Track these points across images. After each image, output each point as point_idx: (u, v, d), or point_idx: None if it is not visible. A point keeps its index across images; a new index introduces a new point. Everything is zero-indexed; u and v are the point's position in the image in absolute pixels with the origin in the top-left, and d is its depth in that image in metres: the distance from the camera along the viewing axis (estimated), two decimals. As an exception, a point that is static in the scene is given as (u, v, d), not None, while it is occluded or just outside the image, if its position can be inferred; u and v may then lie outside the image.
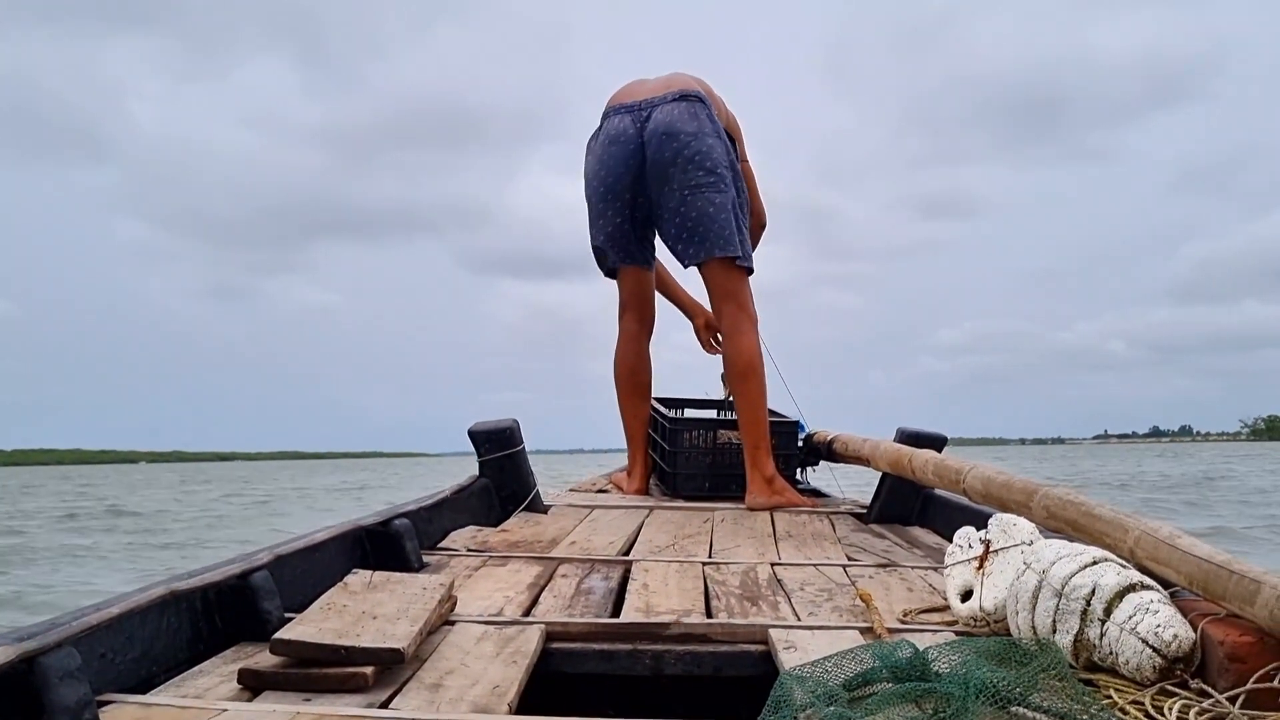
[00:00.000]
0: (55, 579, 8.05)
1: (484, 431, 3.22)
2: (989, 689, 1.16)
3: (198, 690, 1.39)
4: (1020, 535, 1.79)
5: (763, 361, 3.46)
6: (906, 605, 1.94)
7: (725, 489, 3.65)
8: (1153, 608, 1.39)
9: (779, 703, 1.19)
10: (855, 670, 1.31)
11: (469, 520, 2.91)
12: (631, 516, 3.16)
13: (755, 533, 2.89)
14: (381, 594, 1.68)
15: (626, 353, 3.75)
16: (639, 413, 3.81)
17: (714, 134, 3.34)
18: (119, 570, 8.58)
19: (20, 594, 6.99)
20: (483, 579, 2.17)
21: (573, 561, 2.38)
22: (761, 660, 1.66)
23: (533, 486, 3.28)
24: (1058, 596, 1.48)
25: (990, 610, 1.71)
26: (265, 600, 1.66)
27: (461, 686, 1.42)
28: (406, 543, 2.25)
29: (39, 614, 3.07)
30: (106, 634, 1.38)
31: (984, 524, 1.89)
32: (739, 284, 3.43)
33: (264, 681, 1.40)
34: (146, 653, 1.47)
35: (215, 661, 1.53)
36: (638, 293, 3.72)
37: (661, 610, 1.88)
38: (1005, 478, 2.21)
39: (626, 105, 3.42)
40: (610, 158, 3.41)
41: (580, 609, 1.92)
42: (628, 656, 1.68)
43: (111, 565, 9.16)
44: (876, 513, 3.24)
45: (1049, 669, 1.25)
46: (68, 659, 1.21)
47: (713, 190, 3.31)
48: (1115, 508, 1.77)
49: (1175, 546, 1.50)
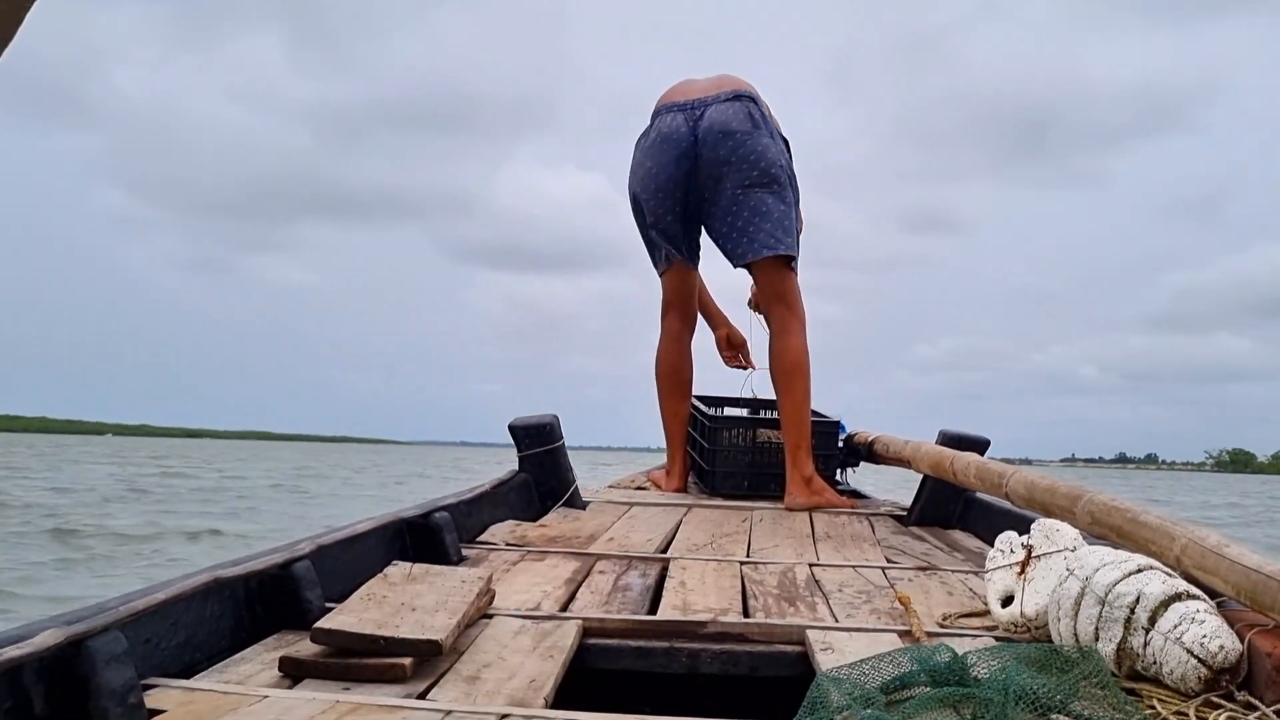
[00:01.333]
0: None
1: (524, 426, 3.23)
2: (1028, 696, 1.15)
3: (240, 676, 1.41)
4: (1063, 541, 1.77)
5: (809, 362, 3.44)
6: (946, 609, 1.92)
7: (764, 488, 3.64)
8: (1199, 617, 1.36)
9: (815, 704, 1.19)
10: (893, 673, 1.30)
11: (508, 514, 2.93)
12: (670, 514, 3.16)
13: (794, 533, 2.87)
14: (421, 586, 1.69)
15: (669, 351, 3.75)
16: (679, 411, 3.81)
17: (769, 134, 3.33)
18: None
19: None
20: (521, 573, 2.19)
21: (610, 558, 2.39)
22: (798, 661, 1.65)
23: (572, 482, 3.29)
24: (1101, 604, 1.46)
25: (1031, 616, 1.69)
26: (306, 589, 1.68)
27: (498, 679, 1.43)
28: (446, 535, 2.26)
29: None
30: (152, 619, 1.40)
31: (1026, 529, 1.87)
32: (789, 284, 3.41)
33: (304, 670, 1.42)
34: (190, 639, 1.49)
35: (257, 649, 1.55)
36: (682, 292, 3.71)
37: (698, 609, 1.88)
38: (1049, 482, 2.18)
39: (679, 104, 3.40)
40: (664, 155, 3.38)
41: (617, 605, 1.92)
42: (664, 654, 1.68)
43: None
44: (917, 515, 3.22)
45: (1090, 677, 1.24)
46: (114, 643, 1.23)
47: (766, 190, 3.29)
48: (1161, 515, 1.74)
49: (1223, 555, 1.48)
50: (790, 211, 3.34)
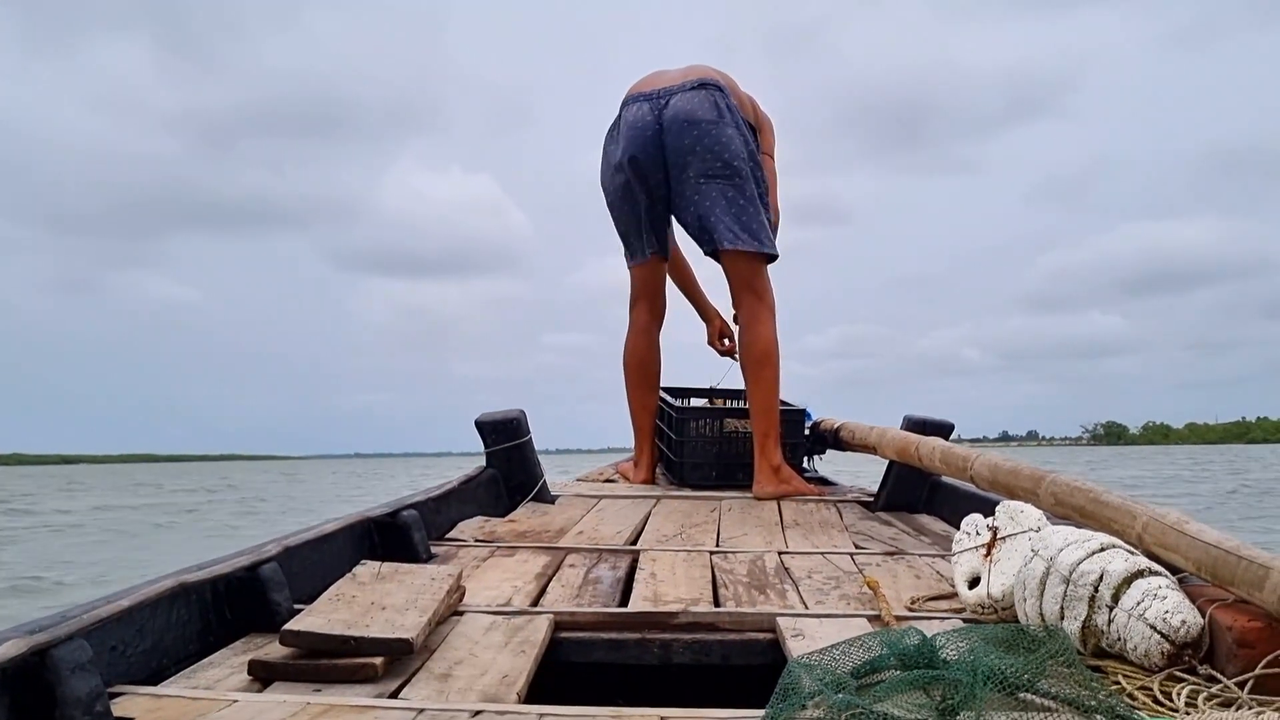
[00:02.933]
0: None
1: (491, 422, 3.22)
2: (997, 675, 1.16)
3: (208, 681, 1.40)
4: (1028, 522, 1.79)
5: (778, 351, 3.45)
6: (914, 593, 1.94)
7: (732, 478, 3.65)
8: (1160, 593, 1.39)
9: (787, 690, 1.20)
10: (863, 658, 1.31)
11: (476, 511, 2.92)
12: (639, 506, 3.16)
13: (763, 521, 2.89)
14: (390, 585, 1.68)
15: (637, 344, 3.75)
16: (647, 404, 3.81)
17: (733, 124, 3.33)
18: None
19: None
20: (491, 569, 2.18)
21: (580, 551, 2.39)
22: (769, 648, 1.66)
23: (540, 477, 3.28)
24: (1065, 583, 1.48)
25: (998, 597, 1.71)
26: (274, 591, 1.67)
27: (470, 676, 1.42)
28: (414, 533, 2.25)
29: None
30: (117, 626, 1.38)
31: (991, 511, 1.89)
32: (757, 274, 3.42)
33: (274, 672, 1.41)
34: (157, 644, 1.48)
35: (225, 653, 1.54)
36: (650, 283, 3.71)
37: (669, 599, 1.89)
38: (1012, 465, 2.21)
39: (645, 94, 3.41)
40: (630, 144, 3.39)
41: (588, 598, 1.92)
42: (636, 645, 1.68)
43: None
44: (884, 501, 3.24)
45: (1057, 655, 1.25)
46: (79, 651, 1.21)
47: (726, 181, 3.30)
48: (1123, 494, 1.76)
49: (1183, 532, 1.50)
50: (749, 205, 3.34)
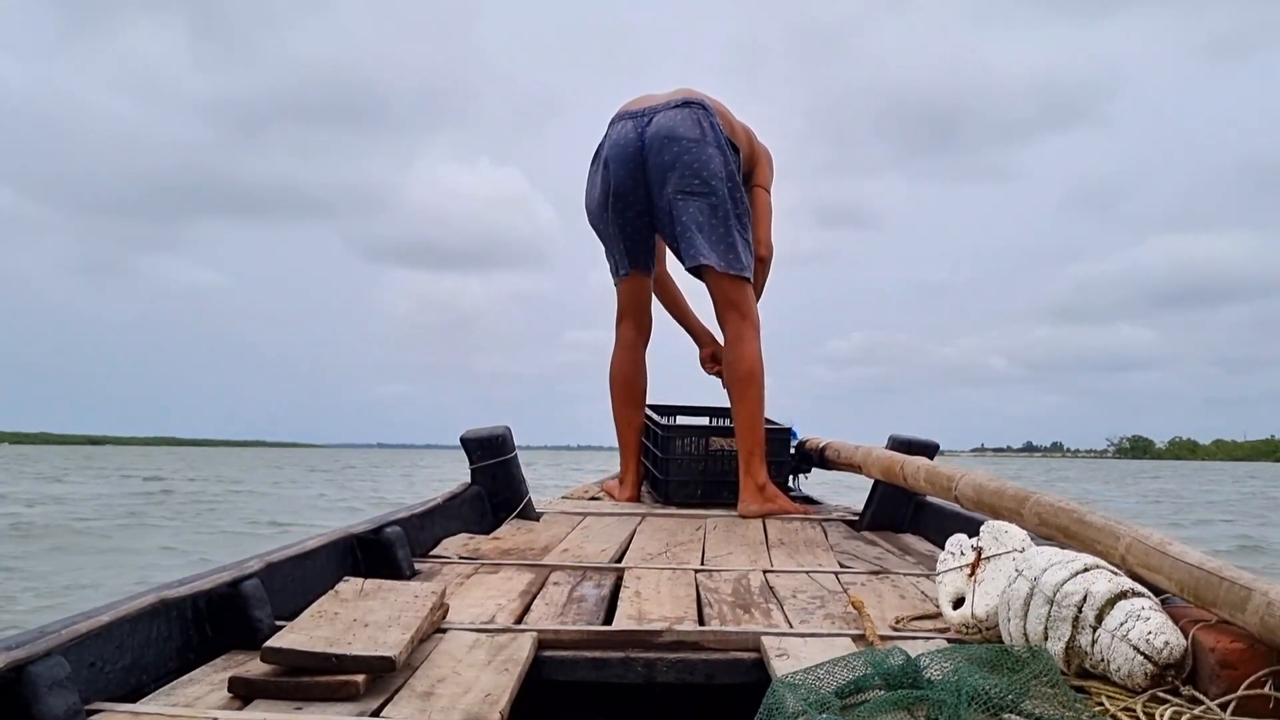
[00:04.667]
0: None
1: (476, 439, 3.21)
2: (981, 696, 1.16)
3: (188, 699, 1.38)
4: (1012, 542, 1.79)
5: (763, 370, 3.46)
6: (899, 612, 1.94)
7: (717, 496, 3.65)
8: (1144, 614, 1.39)
9: (771, 710, 1.19)
10: (847, 677, 1.31)
11: (461, 527, 2.91)
12: (624, 524, 3.15)
13: (747, 540, 2.89)
14: (373, 601, 1.67)
15: (623, 361, 3.75)
16: (633, 421, 3.82)
17: (714, 143, 3.36)
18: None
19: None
20: (475, 586, 2.17)
21: (565, 569, 2.38)
22: (754, 667, 1.65)
23: (525, 494, 3.27)
24: (1049, 604, 1.48)
25: (982, 617, 1.71)
26: (256, 608, 1.65)
27: (453, 695, 1.41)
28: (398, 550, 2.24)
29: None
30: (96, 642, 1.37)
31: (976, 531, 1.89)
32: (741, 292, 3.43)
33: (255, 690, 1.39)
34: (136, 661, 1.46)
35: (205, 670, 1.52)
36: (636, 300, 3.72)
37: (654, 618, 1.88)
38: (997, 485, 2.22)
39: (631, 113, 3.48)
40: (613, 162, 3.44)
41: (572, 617, 1.91)
42: (620, 664, 1.68)
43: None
44: (869, 520, 3.24)
45: (1041, 676, 1.26)
46: (57, 668, 1.20)
47: (703, 199, 3.32)
48: (1107, 515, 1.77)
49: (1166, 553, 1.51)
50: (722, 225, 3.36)
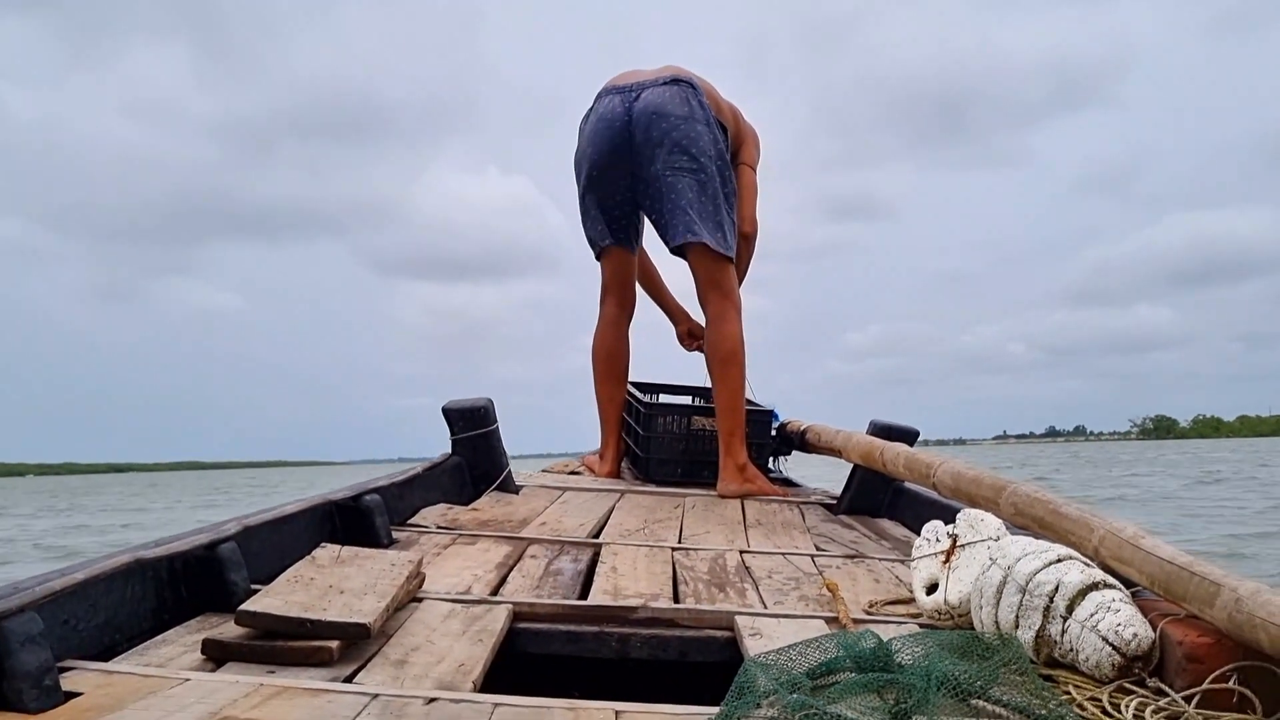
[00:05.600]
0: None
1: (458, 409, 3.21)
2: (950, 681, 1.17)
3: (161, 659, 1.38)
4: (987, 531, 1.80)
5: (744, 350, 3.47)
6: (872, 596, 1.95)
7: (698, 475, 3.66)
8: (1114, 606, 1.40)
9: (742, 689, 1.20)
10: (819, 659, 1.32)
11: (440, 498, 2.91)
12: (603, 499, 3.16)
13: (725, 520, 2.90)
14: (349, 568, 1.67)
15: (606, 337, 3.75)
16: (615, 396, 3.81)
17: (703, 120, 3.35)
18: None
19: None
20: (452, 557, 2.17)
21: (542, 542, 2.38)
22: (727, 646, 1.67)
23: (505, 466, 3.27)
24: (1022, 592, 1.50)
25: (955, 604, 1.72)
26: (232, 571, 1.65)
27: (427, 663, 1.42)
28: (376, 518, 2.24)
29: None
30: (70, 600, 1.36)
31: (952, 518, 1.91)
32: (723, 271, 3.42)
33: (228, 652, 1.39)
34: (110, 620, 1.46)
35: (179, 631, 1.52)
36: (620, 275, 3.71)
37: (629, 594, 1.89)
38: (975, 473, 2.23)
39: (619, 87, 3.45)
40: (598, 136, 3.43)
41: (548, 590, 1.92)
42: (594, 639, 1.69)
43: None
44: (846, 504, 3.26)
45: (1010, 664, 1.27)
46: (30, 624, 1.20)
47: (692, 175, 3.31)
48: (1082, 507, 1.78)
49: (1138, 547, 1.52)
50: (711, 202, 3.35)
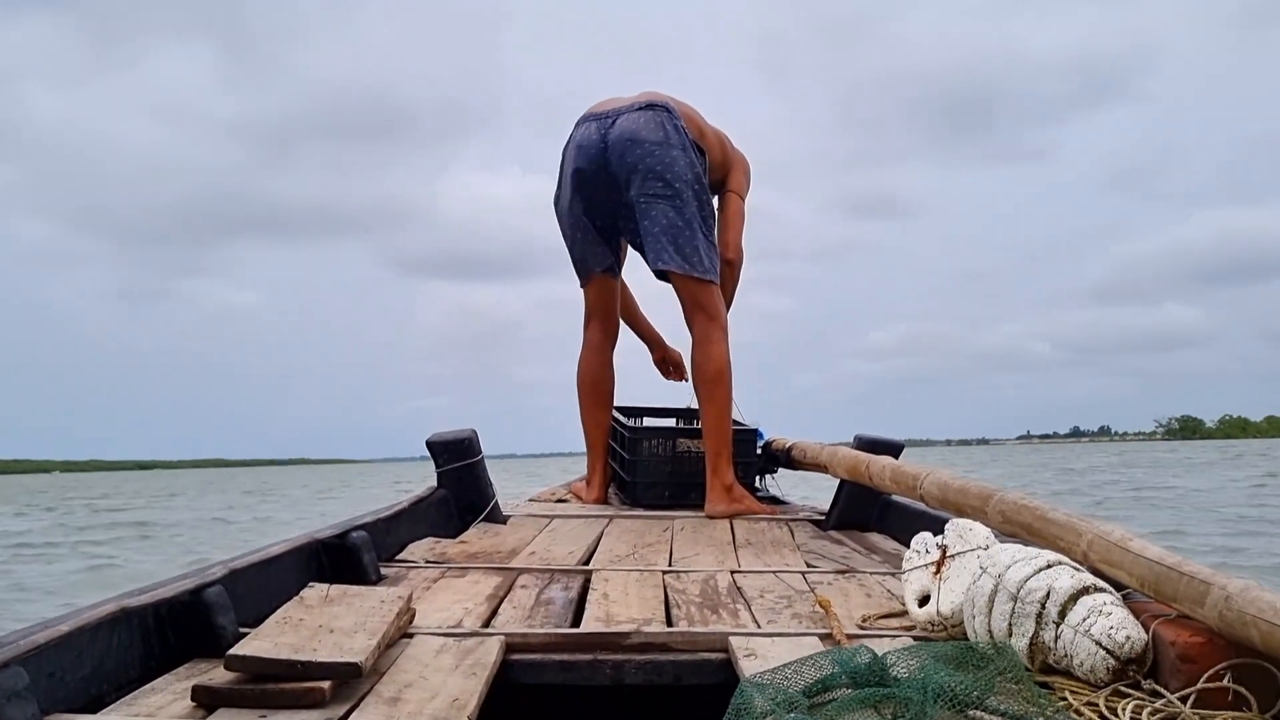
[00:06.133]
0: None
1: (442, 442, 3.20)
2: (947, 693, 1.17)
3: (149, 709, 1.36)
4: (976, 540, 1.81)
5: (730, 371, 3.48)
6: (865, 611, 1.95)
7: (685, 497, 3.65)
8: (1106, 610, 1.41)
9: (739, 710, 1.20)
10: (815, 677, 1.31)
11: (427, 531, 2.89)
12: (591, 526, 3.15)
13: (715, 541, 2.89)
14: (338, 607, 1.66)
15: (591, 363, 3.76)
16: (600, 422, 3.81)
17: (679, 145, 3.36)
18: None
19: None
20: (441, 591, 2.16)
21: (532, 572, 2.37)
22: (722, 668, 1.66)
23: (491, 497, 3.26)
24: (1013, 600, 1.50)
25: (947, 615, 1.72)
26: (219, 615, 1.63)
27: (420, 700, 1.40)
28: (364, 555, 2.22)
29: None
30: (55, 652, 1.35)
31: (941, 529, 1.91)
32: (706, 294, 3.44)
33: (218, 698, 1.37)
34: (96, 671, 1.44)
35: (168, 679, 1.50)
36: (603, 301, 3.72)
37: (622, 619, 1.88)
38: (961, 483, 2.24)
39: (595, 115, 3.49)
40: (576, 163, 3.46)
41: (540, 619, 1.91)
42: (588, 666, 1.67)
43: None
44: (835, 519, 3.26)
45: (1005, 672, 1.27)
46: (15, 678, 1.18)
47: (667, 202, 3.33)
48: (1069, 512, 1.79)
49: (1127, 549, 1.53)
50: (687, 228, 3.36)
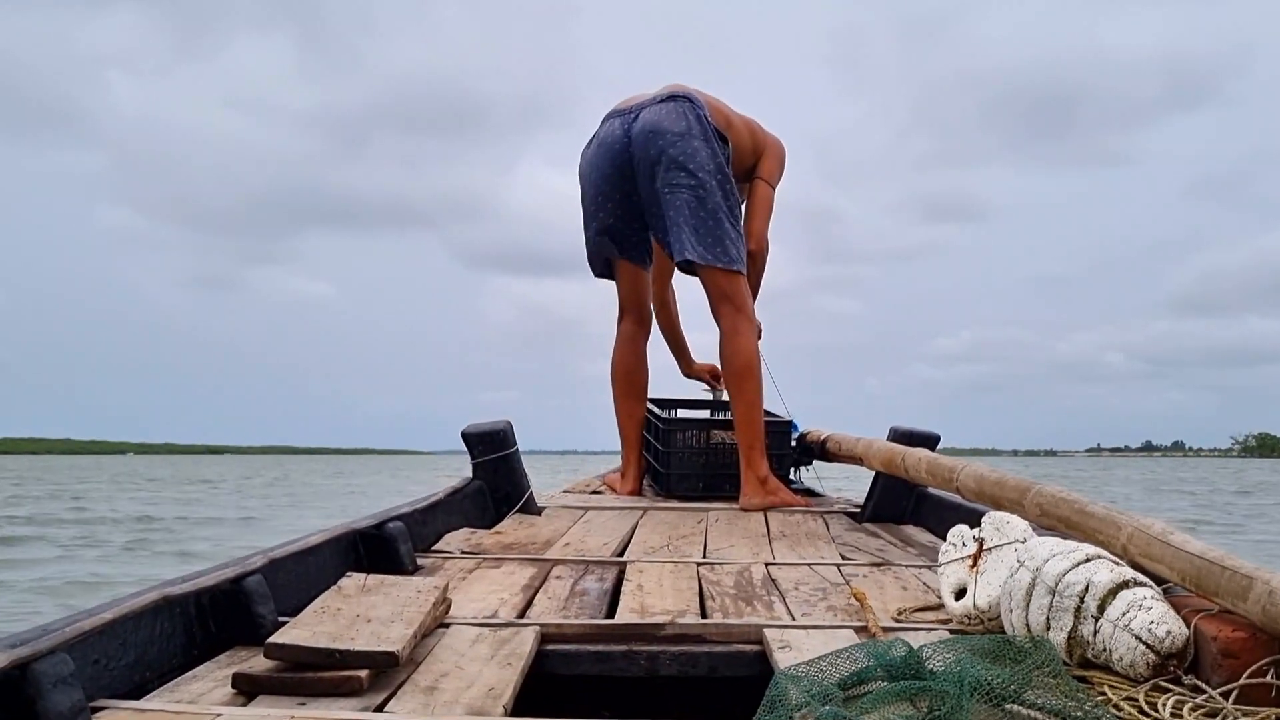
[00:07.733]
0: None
1: (477, 434, 3.22)
2: (983, 687, 1.16)
3: (191, 695, 1.38)
4: (1014, 533, 1.79)
5: (760, 362, 3.47)
6: (900, 604, 1.94)
7: (719, 489, 3.65)
8: (1146, 604, 1.39)
9: (774, 702, 1.20)
10: (850, 669, 1.31)
11: (463, 522, 2.91)
12: (625, 517, 3.16)
13: (749, 533, 2.89)
14: (376, 597, 1.67)
15: (625, 354, 3.77)
16: (634, 414, 3.82)
17: (701, 136, 3.35)
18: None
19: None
20: (477, 581, 2.17)
21: (567, 563, 2.38)
22: (756, 660, 1.66)
23: (526, 488, 3.27)
24: (1051, 594, 1.49)
25: (984, 608, 1.71)
26: (259, 604, 1.66)
27: (456, 689, 1.42)
28: (400, 545, 2.24)
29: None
30: (100, 640, 1.37)
31: (977, 522, 1.90)
32: (734, 285, 3.42)
33: (258, 686, 1.40)
34: (140, 658, 1.46)
35: (209, 666, 1.53)
36: (634, 293, 3.72)
37: (656, 611, 1.88)
38: (998, 476, 2.22)
39: (619, 111, 3.51)
40: (599, 158, 3.49)
41: (575, 610, 1.91)
42: (623, 657, 1.68)
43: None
44: (870, 512, 3.25)
45: (1043, 666, 1.26)
46: (61, 665, 1.20)
47: (690, 192, 3.32)
48: (1108, 505, 1.77)
49: (1168, 543, 1.51)
50: (710, 218, 3.34)
